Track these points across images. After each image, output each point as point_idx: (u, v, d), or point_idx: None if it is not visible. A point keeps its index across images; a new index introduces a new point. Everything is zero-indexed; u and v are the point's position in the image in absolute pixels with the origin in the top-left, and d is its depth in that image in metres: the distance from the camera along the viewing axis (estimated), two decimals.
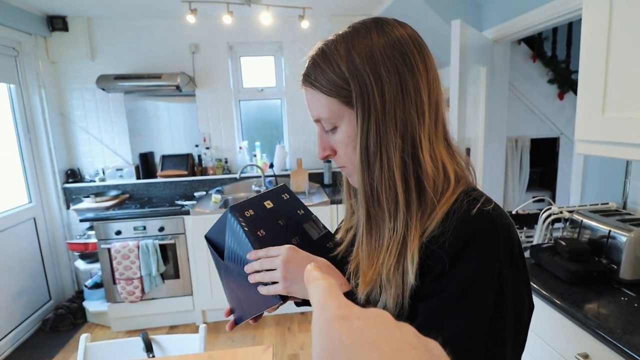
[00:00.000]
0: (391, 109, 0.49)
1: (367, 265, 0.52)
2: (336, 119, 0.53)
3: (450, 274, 0.46)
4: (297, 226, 0.67)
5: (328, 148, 0.57)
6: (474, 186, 0.54)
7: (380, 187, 0.50)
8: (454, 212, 0.48)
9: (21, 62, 2.57)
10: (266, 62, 3.08)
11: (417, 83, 0.50)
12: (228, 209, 0.63)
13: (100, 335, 2.52)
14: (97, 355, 1.21)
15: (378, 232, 0.52)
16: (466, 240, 0.46)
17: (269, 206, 0.67)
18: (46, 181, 2.79)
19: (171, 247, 2.49)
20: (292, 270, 0.55)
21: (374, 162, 0.50)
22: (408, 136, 0.50)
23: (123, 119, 2.93)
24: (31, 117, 2.67)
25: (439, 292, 0.47)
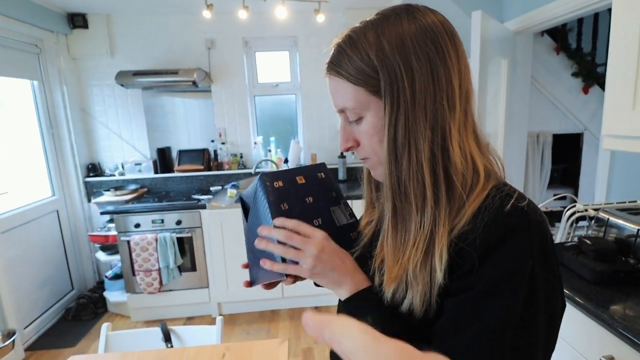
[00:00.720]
0: (421, 100, 0.47)
1: (393, 261, 0.51)
2: (362, 109, 0.51)
3: (480, 270, 0.45)
4: (324, 208, 0.64)
5: (351, 139, 0.55)
6: (504, 181, 0.52)
7: (408, 180, 0.49)
8: (485, 209, 0.46)
9: (43, 59, 2.64)
10: (281, 57, 3.08)
11: (449, 72, 0.48)
12: (259, 175, 0.62)
13: (120, 325, 2.59)
14: (117, 343, 1.24)
15: (404, 226, 0.50)
16: (499, 237, 0.45)
17: (300, 181, 0.64)
18: (68, 175, 2.87)
19: (188, 240, 2.53)
20: (323, 260, 0.54)
21: (402, 155, 0.49)
22: (438, 128, 0.48)
23: (141, 114, 2.99)
24: (53, 113, 2.75)
25: (468, 289, 0.45)
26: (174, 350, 1.14)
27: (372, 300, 0.54)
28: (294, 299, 2.67)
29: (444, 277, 0.46)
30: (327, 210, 0.64)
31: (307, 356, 2.18)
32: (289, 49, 3.04)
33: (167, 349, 1.16)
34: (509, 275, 0.44)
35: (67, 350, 2.30)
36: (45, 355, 2.27)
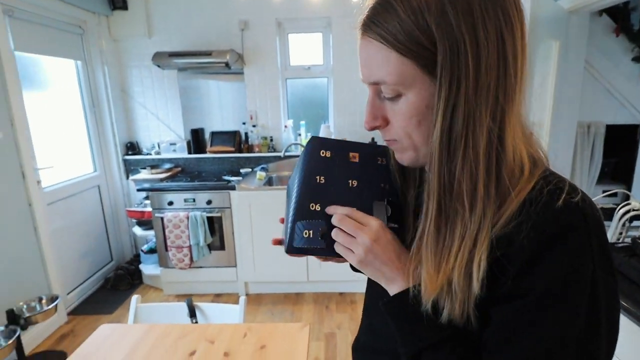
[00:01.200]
0: (485, 81, 0.39)
1: (434, 267, 0.44)
2: (404, 86, 0.43)
3: (532, 274, 0.39)
4: (366, 198, 0.55)
5: (380, 117, 0.47)
6: (551, 170, 0.46)
7: (462, 177, 0.41)
8: (531, 203, 0.40)
9: (86, 40, 2.74)
10: (314, 39, 3.01)
11: (516, 49, 0.41)
12: (312, 136, 0.58)
13: (153, 297, 2.72)
14: (146, 315, 1.29)
15: (450, 229, 0.44)
16: (552, 236, 0.39)
17: (352, 159, 0.57)
18: (109, 152, 3.01)
19: (217, 219, 2.59)
20: (376, 252, 0.48)
21: (457, 147, 0.41)
22: (498, 115, 0.41)
23: (177, 95, 3.05)
24: (95, 92, 2.87)
25: (520, 296, 0.40)
26: (197, 326, 1.17)
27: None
28: (319, 283, 2.68)
29: (480, 288, 0.41)
30: (368, 202, 0.55)
31: (329, 341, 2.20)
32: (323, 30, 2.97)
33: (192, 324, 1.20)
34: (568, 281, 0.38)
35: (104, 317, 2.45)
36: (85, 320, 2.44)
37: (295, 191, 0.55)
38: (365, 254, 0.48)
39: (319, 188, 0.54)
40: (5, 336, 1.73)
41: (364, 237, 0.48)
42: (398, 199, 0.57)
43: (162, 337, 1.10)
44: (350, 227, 0.49)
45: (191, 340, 1.09)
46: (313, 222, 0.52)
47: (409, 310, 0.47)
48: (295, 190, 0.55)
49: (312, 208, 0.53)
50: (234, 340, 1.09)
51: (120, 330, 1.14)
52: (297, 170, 0.57)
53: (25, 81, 2.23)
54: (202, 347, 1.06)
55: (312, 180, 0.54)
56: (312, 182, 0.54)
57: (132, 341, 1.09)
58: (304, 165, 0.55)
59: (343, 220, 0.50)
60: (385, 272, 0.49)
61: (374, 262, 0.49)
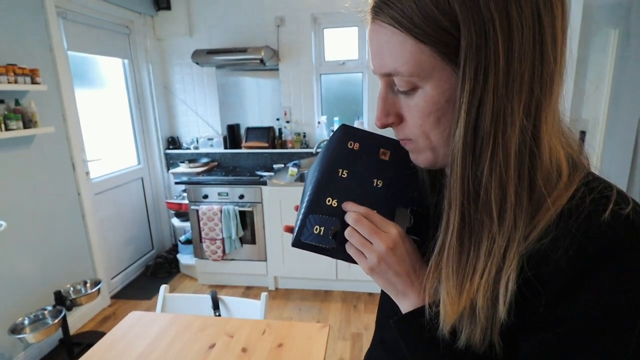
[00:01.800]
0: (519, 71, 0.33)
1: (455, 288, 0.39)
2: (421, 77, 0.37)
3: (571, 301, 0.34)
4: (390, 202, 0.50)
5: (393, 114, 0.42)
6: (594, 173, 0.39)
7: (490, 184, 0.36)
8: (570, 213, 0.35)
9: (133, 40, 2.89)
10: (349, 34, 2.96)
11: (556, 31, 0.34)
12: (342, 124, 0.54)
13: (188, 286, 2.84)
14: (173, 304, 1.34)
15: (475, 243, 0.38)
16: (596, 256, 0.33)
17: (382, 157, 0.51)
18: (152, 146, 3.17)
19: (249, 214, 2.64)
20: (390, 262, 0.44)
21: (484, 149, 0.35)
22: (532, 111, 0.35)
23: (215, 92, 3.14)
24: (141, 89, 3.03)
25: (555, 326, 0.35)
26: (219, 319, 1.19)
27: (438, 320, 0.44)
28: (347, 282, 2.65)
29: (507, 314, 0.36)
30: (391, 207, 0.49)
31: (355, 340, 2.17)
32: (359, 24, 2.91)
33: (214, 317, 1.22)
34: (614, 310, 0.33)
35: (143, 302, 2.60)
36: (126, 304, 2.59)
37: (313, 181, 0.50)
38: (378, 262, 0.44)
39: (339, 182, 0.49)
40: (53, 315, 1.88)
41: (379, 244, 0.43)
42: (425, 210, 0.50)
43: (185, 327, 1.14)
44: (366, 230, 0.45)
45: (212, 333, 1.11)
46: (326, 218, 0.48)
47: (423, 332, 0.43)
48: (314, 179, 0.50)
49: (328, 203, 0.48)
50: (253, 336, 1.09)
51: (148, 318, 1.19)
52: (320, 158, 0.52)
53: (76, 79, 2.40)
54: (222, 341, 1.08)
55: (334, 173, 0.50)
56: (333, 174, 0.50)
57: (157, 330, 1.13)
58: (327, 155, 0.51)
59: (360, 221, 0.45)
60: (397, 285, 0.45)
61: (386, 272, 0.44)
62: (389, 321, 0.47)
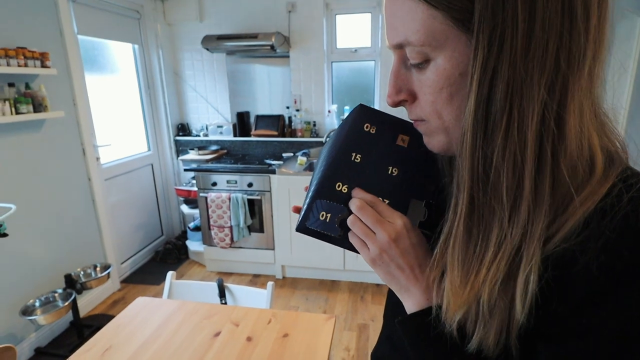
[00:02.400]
0: (542, 39, 0.29)
1: (460, 278, 0.36)
2: (433, 47, 0.34)
3: (602, 309, 0.30)
4: (405, 192, 0.46)
5: (405, 90, 0.39)
6: (631, 167, 0.35)
7: (502, 165, 0.32)
8: (604, 214, 0.31)
9: (143, 25, 2.87)
10: (362, 20, 2.89)
11: (588, 3, 0.30)
12: (359, 104, 0.51)
13: (197, 272, 2.86)
14: (180, 291, 1.34)
15: (484, 232, 0.35)
16: (632, 262, 0.29)
17: (400, 143, 0.47)
18: (162, 133, 3.17)
19: (257, 202, 2.63)
20: (392, 254, 0.41)
21: (497, 125, 0.32)
22: (557, 88, 0.31)
23: (224, 79, 3.11)
24: (151, 75, 3.01)
25: (581, 334, 0.31)
26: (225, 307, 1.18)
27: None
28: (355, 272, 2.64)
29: (526, 316, 0.33)
30: (405, 198, 0.46)
31: (362, 331, 2.16)
32: (372, 10, 2.83)
33: (220, 305, 1.22)
34: None
35: (152, 287, 2.63)
36: (135, 288, 2.63)
37: (324, 164, 0.47)
38: (380, 254, 0.41)
39: (352, 167, 0.46)
40: (63, 298, 1.92)
41: (382, 234, 0.41)
42: (440, 204, 0.46)
43: (191, 314, 1.13)
44: (370, 218, 0.42)
45: (217, 320, 1.11)
46: (334, 205, 0.45)
47: (429, 333, 0.40)
48: (325, 162, 0.47)
49: (338, 188, 0.45)
50: (259, 325, 1.09)
51: (154, 304, 1.19)
52: (333, 139, 0.49)
53: (87, 63, 2.39)
54: (227, 328, 1.07)
55: (347, 156, 0.46)
56: (346, 157, 0.46)
57: (163, 316, 1.13)
58: (341, 136, 0.47)
59: (364, 209, 0.42)
60: (399, 280, 0.42)
61: (388, 264, 0.42)
62: (395, 319, 0.45)
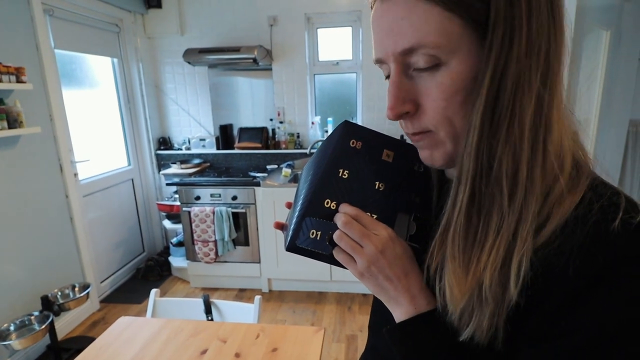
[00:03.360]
0: (537, 40, 0.33)
1: (461, 266, 0.37)
2: (447, 50, 0.35)
3: (580, 312, 0.32)
4: (391, 206, 0.46)
5: (409, 101, 0.38)
6: (600, 178, 0.38)
7: (504, 156, 0.34)
8: (577, 221, 0.33)
9: (122, 38, 2.84)
10: (343, 34, 2.95)
11: (561, 11, 0.35)
12: (345, 120, 0.51)
13: (180, 289, 2.79)
14: (164, 309, 1.31)
15: (484, 220, 0.36)
16: (606, 267, 0.31)
17: (385, 158, 0.48)
18: (142, 147, 3.12)
19: (242, 215, 2.61)
20: (380, 265, 0.42)
21: (503, 119, 0.34)
22: (548, 82, 0.34)
23: (207, 92, 3.10)
24: (131, 89, 2.97)
25: (560, 336, 0.33)
26: (211, 324, 1.16)
27: (432, 329, 0.41)
28: (342, 283, 2.63)
29: (519, 294, 0.34)
30: (392, 212, 0.46)
31: (350, 342, 2.15)
32: (352, 24, 2.90)
33: (206, 322, 1.19)
34: (624, 325, 0.31)
35: (134, 306, 2.55)
36: (116, 308, 2.54)
37: (311, 180, 0.47)
38: (367, 266, 0.42)
39: (339, 183, 0.46)
40: (39, 321, 1.83)
41: (370, 246, 0.41)
42: (427, 217, 0.47)
43: (176, 333, 1.10)
44: (356, 232, 0.42)
45: (204, 338, 1.08)
46: (324, 222, 0.45)
47: (417, 341, 0.41)
48: (312, 179, 0.47)
49: (327, 205, 0.45)
50: (247, 340, 1.07)
51: (137, 323, 1.15)
52: (318, 156, 0.49)
53: (64, 78, 2.34)
54: (214, 345, 1.05)
55: (334, 173, 0.46)
56: (333, 174, 0.46)
57: (147, 335, 1.09)
58: (328, 152, 0.48)
59: (349, 223, 0.42)
60: (388, 290, 0.43)
61: (377, 276, 0.42)
62: (381, 328, 0.45)
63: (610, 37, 1.70)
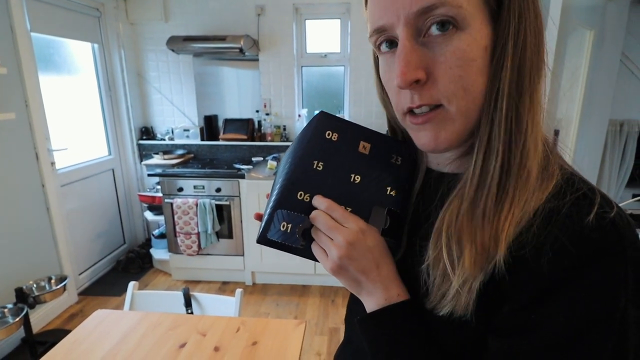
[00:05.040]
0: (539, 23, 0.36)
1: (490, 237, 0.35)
2: (467, 14, 0.33)
3: (547, 305, 0.32)
4: (366, 200, 0.45)
5: (422, 68, 0.35)
6: (573, 170, 0.38)
7: (528, 125, 0.35)
8: (552, 212, 0.33)
9: (104, 23, 2.74)
10: (332, 26, 2.92)
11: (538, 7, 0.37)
12: (320, 111, 0.50)
13: (162, 281, 2.75)
14: (143, 302, 1.28)
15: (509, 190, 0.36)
16: (578, 260, 0.31)
17: (361, 150, 0.47)
18: (124, 136, 3.03)
19: (226, 208, 2.58)
20: (352, 257, 0.41)
21: (526, 88, 0.35)
22: (543, 65, 0.36)
23: (191, 81, 3.03)
24: (112, 76, 2.88)
25: (528, 330, 0.33)
26: (190, 317, 1.14)
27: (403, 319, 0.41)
28: (326, 276, 2.63)
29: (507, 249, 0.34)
30: (367, 205, 0.45)
31: (333, 335, 2.16)
32: (341, 17, 2.87)
33: (186, 315, 1.17)
34: (592, 319, 0.31)
35: (113, 299, 2.49)
36: (95, 300, 2.48)
37: (285, 172, 0.46)
38: (339, 258, 0.41)
39: (313, 175, 0.45)
40: (13, 314, 1.77)
41: (339, 238, 0.40)
42: (403, 211, 0.46)
43: (154, 326, 1.08)
44: (325, 225, 0.41)
45: (183, 331, 1.06)
46: (295, 215, 0.44)
47: (387, 331, 0.41)
48: (286, 170, 0.46)
49: (299, 197, 0.44)
50: (227, 334, 1.05)
51: (114, 317, 1.12)
52: (294, 147, 0.48)
53: (41, 63, 2.25)
54: (193, 339, 1.03)
55: (308, 164, 0.45)
56: (307, 166, 0.45)
57: (124, 329, 1.07)
58: (302, 144, 0.47)
59: (319, 216, 0.42)
60: (361, 283, 0.42)
61: (348, 268, 0.42)
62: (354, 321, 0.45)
63: (593, 37, 1.73)
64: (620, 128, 2.42)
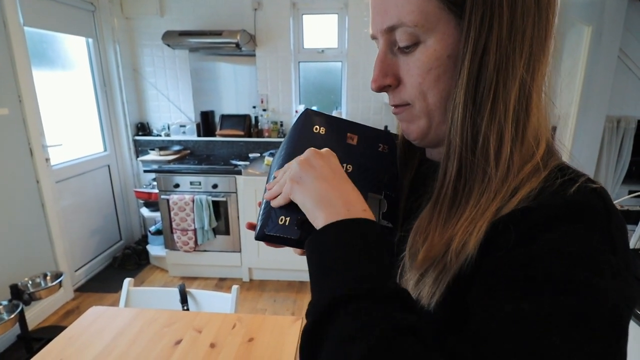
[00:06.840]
0: (521, 26, 0.35)
1: (439, 235, 0.37)
2: (425, 29, 0.37)
3: (530, 247, 0.31)
4: (361, 187, 0.44)
5: (391, 75, 0.41)
6: (567, 164, 0.39)
7: (489, 132, 0.36)
8: (540, 192, 0.35)
9: (98, 17, 2.71)
10: (329, 21, 2.90)
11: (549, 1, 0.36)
12: (305, 108, 0.52)
13: (159, 278, 2.74)
14: (139, 298, 1.27)
15: (467, 193, 0.38)
16: (564, 210, 0.32)
17: (349, 141, 0.50)
18: (119, 132, 3.01)
19: (223, 204, 2.57)
20: (308, 165, 0.40)
21: (486, 98, 0.36)
22: (530, 69, 0.36)
23: (187, 77, 3.01)
24: (107, 71, 2.85)
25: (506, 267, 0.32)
26: (186, 314, 1.14)
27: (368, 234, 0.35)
28: None
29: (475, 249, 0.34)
30: (362, 192, 0.45)
31: None
32: (339, 12, 2.85)
33: (182, 312, 1.17)
34: (575, 262, 0.30)
35: (110, 295, 2.49)
36: (91, 297, 2.47)
37: (278, 167, 0.47)
38: (291, 182, 0.40)
39: None
40: (9, 310, 1.76)
41: (292, 165, 0.42)
42: (396, 195, 0.48)
43: (150, 323, 1.08)
44: (275, 182, 0.43)
45: (178, 328, 1.06)
46: (292, 208, 0.43)
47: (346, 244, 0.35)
48: (279, 166, 0.47)
49: None
50: (222, 330, 1.05)
51: (109, 313, 1.12)
52: (285, 144, 0.50)
53: (35, 58, 2.22)
54: (189, 336, 1.03)
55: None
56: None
57: (119, 326, 1.06)
58: (293, 140, 0.49)
59: (270, 186, 0.45)
60: (320, 192, 0.38)
61: (305, 179, 0.39)
62: None
63: (591, 33, 1.72)
64: (617, 124, 2.42)
